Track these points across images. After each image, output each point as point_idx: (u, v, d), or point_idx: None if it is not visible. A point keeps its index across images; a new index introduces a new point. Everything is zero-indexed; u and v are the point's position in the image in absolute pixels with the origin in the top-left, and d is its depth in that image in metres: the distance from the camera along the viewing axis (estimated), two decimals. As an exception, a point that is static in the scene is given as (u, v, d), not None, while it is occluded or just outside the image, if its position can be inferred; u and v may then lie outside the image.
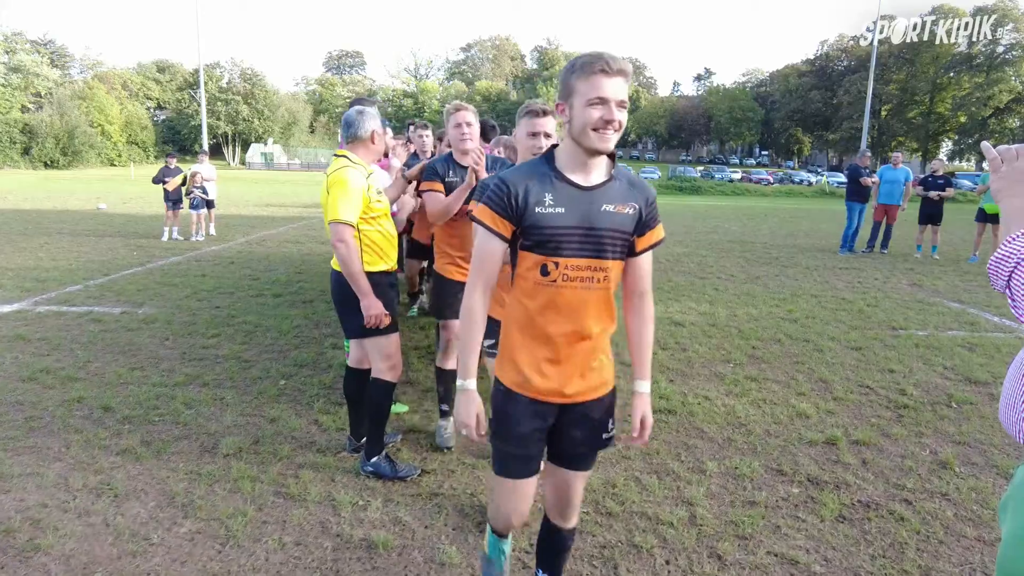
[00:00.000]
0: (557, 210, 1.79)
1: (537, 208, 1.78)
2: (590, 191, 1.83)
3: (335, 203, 3.03)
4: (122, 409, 4.06)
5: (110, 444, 3.59)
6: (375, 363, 3.31)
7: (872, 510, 3.13)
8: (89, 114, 61.45)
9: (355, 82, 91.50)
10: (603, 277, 1.85)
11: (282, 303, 7.09)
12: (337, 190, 3.04)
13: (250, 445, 3.62)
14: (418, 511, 3.01)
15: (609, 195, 1.84)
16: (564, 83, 1.80)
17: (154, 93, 74.17)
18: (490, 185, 1.86)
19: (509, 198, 1.79)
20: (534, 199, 1.79)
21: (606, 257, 1.84)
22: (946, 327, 6.71)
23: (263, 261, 10.02)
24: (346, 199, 3.04)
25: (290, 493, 3.12)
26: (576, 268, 1.82)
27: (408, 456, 3.57)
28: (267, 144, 72.90)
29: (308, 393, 4.43)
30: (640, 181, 1.96)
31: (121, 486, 3.14)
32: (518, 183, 1.80)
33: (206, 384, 4.55)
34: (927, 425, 4.15)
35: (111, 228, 13.97)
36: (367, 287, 3.11)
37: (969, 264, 11.28)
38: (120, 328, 5.91)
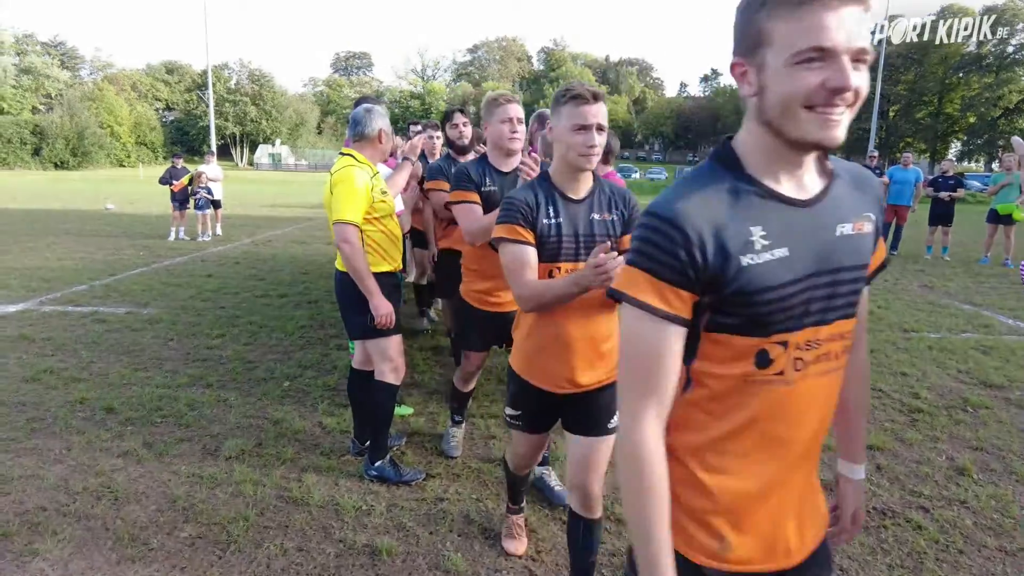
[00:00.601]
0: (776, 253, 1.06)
1: (745, 257, 1.04)
2: None
3: (339, 203, 2.98)
4: (125, 410, 4.02)
5: (112, 446, 3.55)
6: (377, 365, 3.25)
7: (888, 518, 3.05)
8: (99, 115, 61.80)
9: (362, 83, 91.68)
10: None
11: (287, 304, 7.05)
12: (341, 190, 2.99)
13: (253, 447, 3.57)
14: (422, 516, 2.95)
15: None
16: None
17: (163, 94, 74.53)
18: (643, 228, 1.07)
19: (686, 247, 1.03)
20: (734, 243, 1.04)
21: None
22: (959, 329, 6.60)
23: (269, 261, 9.99)
24: (350, 199, 2.98)
25: (293, 497, 3.06)
26: None
27: (412, 459, 3.51)
28: (275, 145, 73.11)
29: (312, 395, 4.38)
30: None
31: (122, 489, 3.09)
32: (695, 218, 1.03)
33: (210, 385, 4.51)
34: (942, 430, 4.06)
35: (118, 228, 13.99)
36: (375, 287, 3.06)
37: (980, 265, 11.14)
38: (124, 328, 5.88)
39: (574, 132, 1.96)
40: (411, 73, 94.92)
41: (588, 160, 1.99)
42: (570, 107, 1.96)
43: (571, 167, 2.04)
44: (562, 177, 2.09)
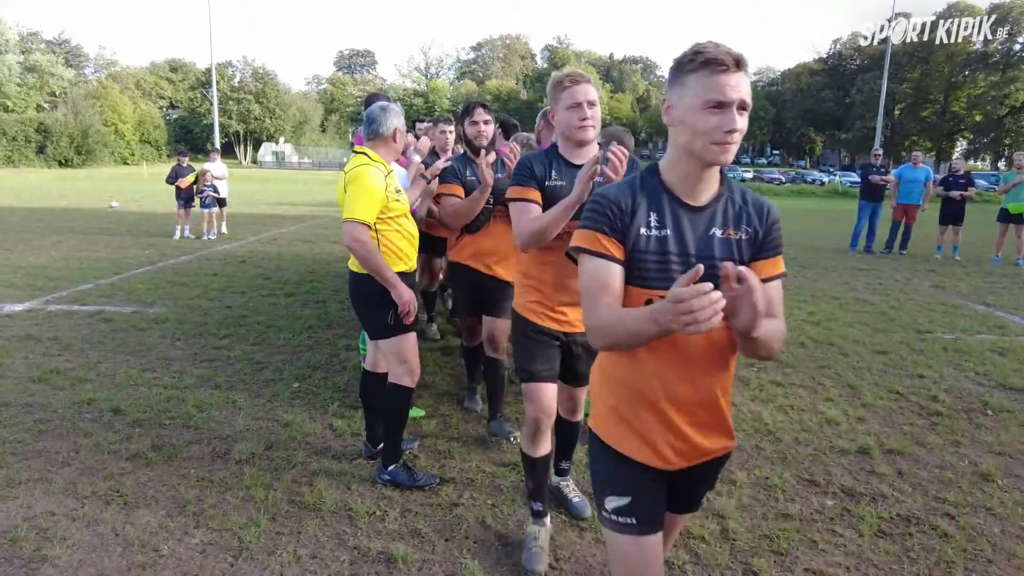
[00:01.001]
0: None
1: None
2: None
3: (352, 201, 2.92)
4: (132, 412, 3.97)
5: (120, 448, 3.49)
6: (392, 367, 3.19)
7: (913, 525, 2.98)
8: (103, 113, 61.82)
9: (366, 81, 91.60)
10: None
11: (294, 303, 7.00)
12: (355, 188, 2.93)
13: (263, 451, 3.52)
14: (437, 522, 2.89)
15: None
16: None
17: (167, 92, 74.53)
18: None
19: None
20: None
21: None
22: (974, 331, 6.52)
23: (274, 260, 9.94)
24: (363, 197, 2.92)
25: (305, 502, 3.01)
26: None
27: (425, 463, 3.45)
28: (278, 143, 73.10)
29: (322, 396, 4.32)
30: None
31: (131, 493, 3.04)
32: None
33: (218, 386, 4.46)
34: (963, 434, 3.99)
35: (123, 227, 13.96)
36: (393, 277, 3.00)
37: (992, 265, 11.04)
38: (131, 328, 5.83)
39: (707, 112, 1.42)
40: (414, 71, 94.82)
41: (725, 151, 1.45)
42: (702, 76, 1.43)
43: (695, 161, 1.51)
44: (678, 174, 1.56)
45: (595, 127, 2.46)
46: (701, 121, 1.43)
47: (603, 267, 1.53)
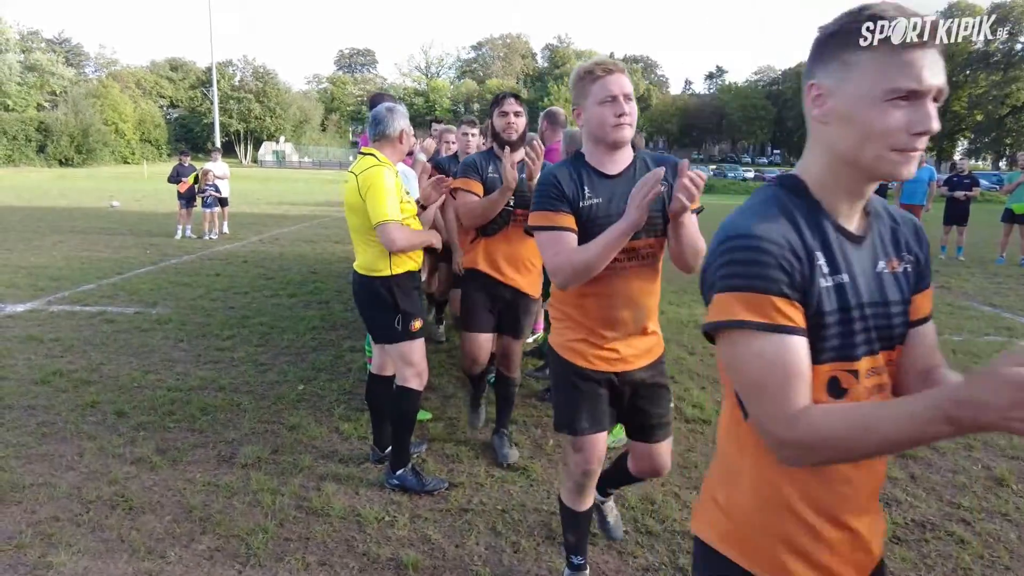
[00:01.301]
0: None
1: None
2: None
3: (379, 204, 2.89)
4: (136, 414, 3.93)
5: (124, 452, 3.46)
6: (400, 370, 3.15)
7: (929, 531, 2.95)
8: (103, 112, 61.76)
9: (366, 80, 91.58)
10: None
11: (297, 304, 6.96)
12: (375, 193, 2.90)
13: (269, 454, 3.48)
14: (447, 528, 2.86)
15: None
16: None
17: (167, 91, 74.49)
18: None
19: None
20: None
21: None
22: (981, 332, 6.48)
23: (277, 260, 9.90)
24: (388, 198, 2.91)
25: (312, 507, 2.97)
26: None
27: (433, 467, 3.41)
28: (279, 142, 73.07)
29: (328, 399, 4.28)
30: None
31: (136, 498, 3.00)
32: None
33: (222, 388, 4.42)
34: (975, 438, 3.94)
35: (124, 226, 13.92)
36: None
37: (996, 266, 11.00)
38: (133, 329, 5.79)
39: (889, 104, 1.01)
40: (415, 70, 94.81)
41: (909, 161, 1.03)
42: (883, 54, 1.01)
43: (860, 174, 1.09)
44: (834, 191, 1.12)
45: (632, 125, 2.03)
46: (879, 117, 1.00)
47: (787, 346, 1.02)
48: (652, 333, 2.21)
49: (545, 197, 2.05)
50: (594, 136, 2.06)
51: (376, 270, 3.04)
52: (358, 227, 3.05)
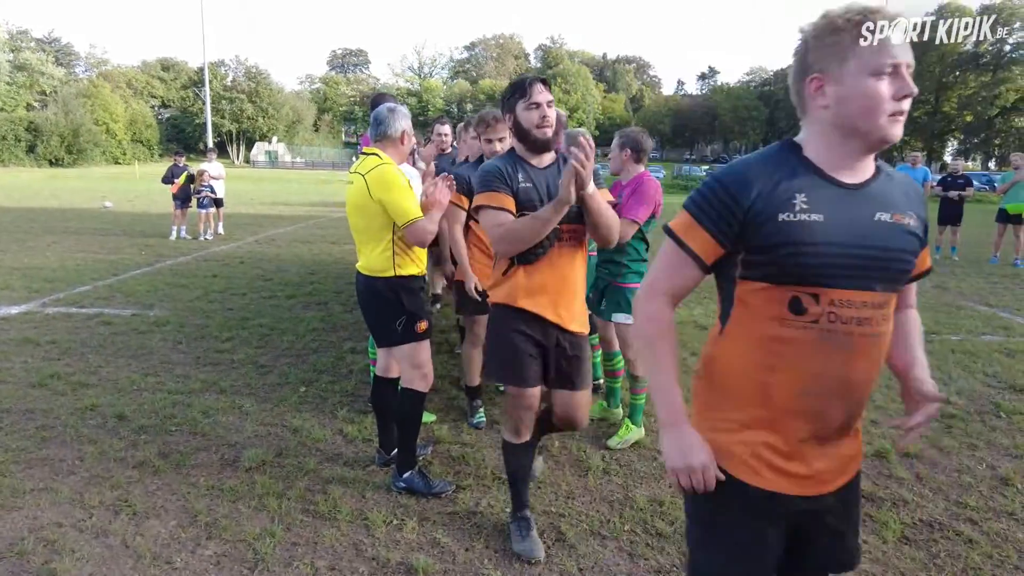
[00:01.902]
0: None
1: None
2: None
3: (403, 203, 2.90)
4: (137, 418, 3.89)
5: (126, 456, 3.42)
6: (405, 372, 3.13)
7: (937, 531, 2.95)
8: (94, 112, 61.44)
9: (359, 81, 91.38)
10: None
11: (296, 305, 6.92)
12: (392, 196, 2.89)
13: (273, 458, 3.45)
14: (456, 531, 2.83)
15: None
16: None
17: (158, 91, 74.13)
18: None
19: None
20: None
21: None
22: (979, 332, 6.51)
23: (274, 261, 9.85)
24: (409, 196, 2.92)
25: (319, 511, 2.94)
26: None
27: (439, 470, 3.39)
28: (271, 142, 72.81)
29: (330, 401, 4.25)
30: None
31: (139, 503, 2.96)
32: None
33: (223, 391, 4.38)
34: (979, 437, 3.96)
35: (117, 227, 13.82)
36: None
37: (991, 265, 11.07)
38: (131, 331, 5.74)
39: None
40: (408, 70, 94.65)
41: None
42: None
43: None
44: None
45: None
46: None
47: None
48: None
49: None
50: None
51: (381, 271, 3.02)
52: (364, 228, 3.03)
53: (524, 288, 2.51)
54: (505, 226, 2.41)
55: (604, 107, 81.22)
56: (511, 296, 2.54)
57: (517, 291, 2.52)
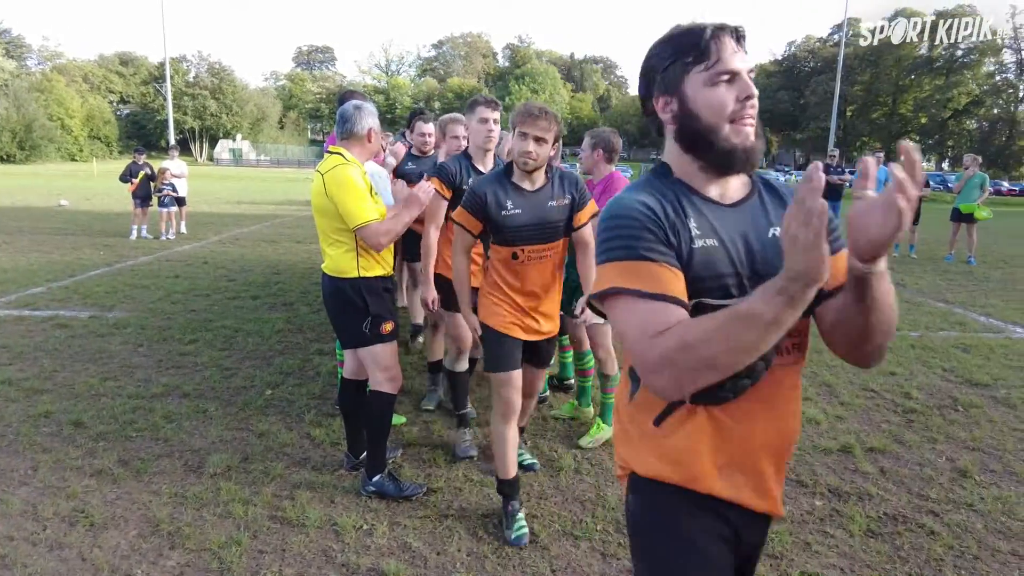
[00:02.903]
0: None
1: None
2: None
3: (354, 206, 2.83)
4: (95, 424, 3.76)
5: (83, 464, 3.29)
6: (373, 374, 3.08)
7: (901, 523, 3.01)
8: (48, 107, 59.39)
9: (325, 78, 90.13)
10: None
11: (261, 306, 6.78)
12: (347, 197, 2.83)
13: (239, 463, 3.36)
14: (427, 535, 2.80)
15: None
16: None
17: (117, 86, 72.07)
18: None
19: None
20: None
21: None
22: (937, 327, 6.70)
23: (238, 261, 9.64)
24: (358, 199, 2.84)
25: (287, 517, 2.87)
26: None
27: (410, 473, 3.34)
28: (235, 140, 71.38)
29: (297, 404, 4.17)
30: None
31: (97, 513, 2.86)
32: None
33: (186, 395, 4.26)
34: (938, 431, 4.06)
35: (75, 226, 13.38)
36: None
37: (946, 263, 11.41)
38: (89, 334, 5.55)
39: None
40: (375, 68, 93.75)
41: None
42: None
43: None
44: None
45: None
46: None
47: None
48: None
49: None
50: None
51: (344, 272, 2.96)
52: (325, 228, 2.97)
53: (713, 452, 1.25)
54: (676, 334, 1.08)
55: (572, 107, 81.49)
56: (687, 471, 1.25)
57: (699, 461, 1.25)
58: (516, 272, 2.77)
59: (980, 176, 11.59)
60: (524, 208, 2.71)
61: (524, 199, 2.73)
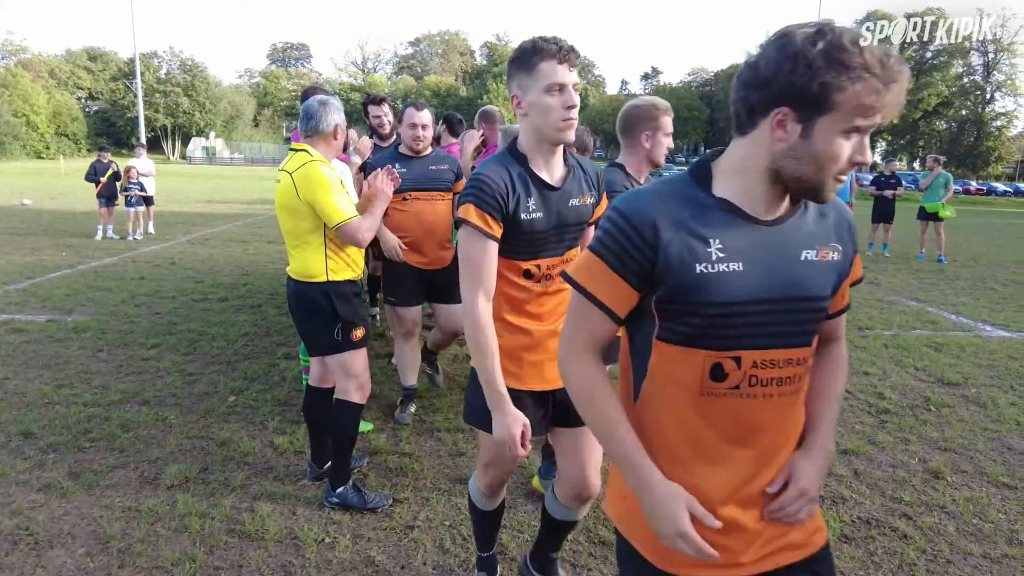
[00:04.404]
0: None
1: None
2: None
3: (332, 204, 2.73)
4: (46, 435, 3.59)
5: (30, 478, 3.13)
6: (340, 383, 2.97)
7: (874, 527, 2.98)
8: (12, 103, 57.81)
9: (301, 75, 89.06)
10: None
11: (228, 308, 6.60)
12: (323, 196, 2.72)
13: (198, 473, 3.23)
14: (392, 548, 2.70)
15: None
16: None
17: (85, 82, 70.43)
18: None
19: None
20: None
21: None
22: (910, 326, 6.75)
23: (207, 262, 9.41)
24: (337, 195, 2.75)
25: (246, 531, 2.75)
26: None
27: (376, 482, 3.24)
28: (209, 138, 70.19)
29: (261, 411, 4.03)
30: None
31: (43, 530, 2.71)
32: None
33: (146, 402, 4.10)
34: (911, 431, 4.06)
35: (37, 226, 12.99)
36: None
37: (918, 262, 11.55)
38: (45, 339, 5.34)
39: None
40: (351, 65, 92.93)
41: None
42: None
43: None
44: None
45: None
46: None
47: None
48: None
49: None
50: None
51: (312, 276, 2.85)
52: (292, 230, 2.86)
53: None
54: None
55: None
56: None
57: None
58: None
59: (944, 176, 11.80)
60: None
61: None
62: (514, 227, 1.84)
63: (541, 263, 1.92)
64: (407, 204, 3.80)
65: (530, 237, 1.88)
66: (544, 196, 1.88)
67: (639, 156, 2.72)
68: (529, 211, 1.83)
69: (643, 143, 2.68)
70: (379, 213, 2.93)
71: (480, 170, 1.87)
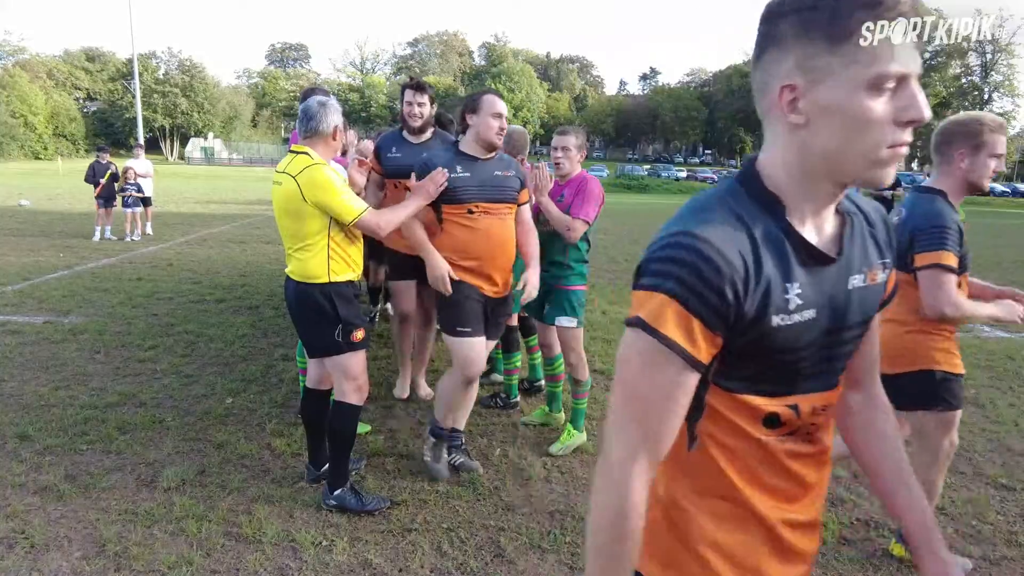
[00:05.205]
0: None
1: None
2: None
3: (342, 202, 2.77)
4: (42, 437, 3.57)
5: (26, 481, 3.12)
6: (338, 384, 2.96)
7: (872, 529, 2.98)
8: (10, 104, 57.70)
9: (299, 75, 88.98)
10: None
11: (226, 309, 6.59)
12: (331, 192, 2.74)
13: (195, 476, 3.22)
14: (390, 551, 2.69)
15: None
16: None
17: (83, 83, 70.26)
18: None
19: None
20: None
21: None
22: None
23: (204, 263, 9.40)
24: (345, 194, 2.78)
25: (243, 534, 2.74)
26: None
27: (374, 485, 3.23)
28: (207, 138, 70.09)
29: (259, 412, 4.02)
30: None
31: (39, 534, 2.70)
32: None
33: (143, 404, 4.09)
34: (909, 432, 4.05)
35: (35, 227, 12.97)
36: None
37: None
38: (42, 340, 5.33)
39: None
40: (349, 66, 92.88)
41: None
42: None
43: None
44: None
45: None
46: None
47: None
48: None
49: None
50: None
51: (314, 277, 2.84)
52: (295, 232, 2.85)
53: None
54: None
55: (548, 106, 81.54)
56: None
57: None
58: None
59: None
60: None
61: None
62: (759, 339, 0.93)
63: (801, 402, 1.00)
64: (474, 219, 3.03)
65: (789, 355, 0.97)
66: (812, 275, 0.96)
67: (955, 179, 2.41)
68: (788, 309, 0.93)
69: (958, 163, 2.38)
70: (410, 211, 2.97)
71: (691, 220, 0.94)
